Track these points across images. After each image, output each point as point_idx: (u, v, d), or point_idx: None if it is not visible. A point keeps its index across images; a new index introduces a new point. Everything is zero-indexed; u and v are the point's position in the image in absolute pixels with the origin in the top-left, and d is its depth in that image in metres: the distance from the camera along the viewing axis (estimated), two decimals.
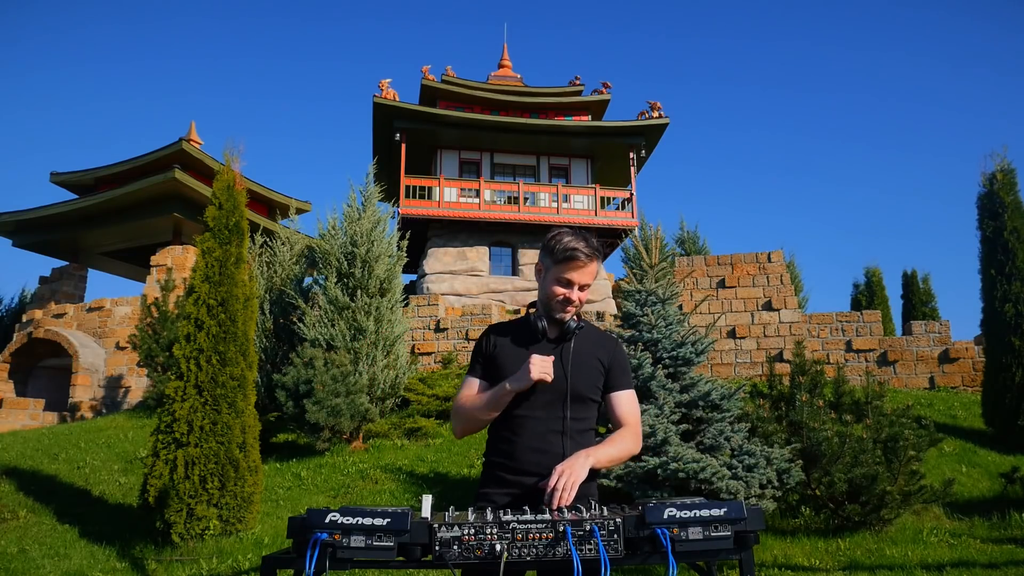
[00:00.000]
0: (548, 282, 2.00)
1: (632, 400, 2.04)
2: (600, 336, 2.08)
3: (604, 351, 2.03)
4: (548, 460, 1.87)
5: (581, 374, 1.97)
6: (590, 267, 1.97)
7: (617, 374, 2.03)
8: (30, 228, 17.96)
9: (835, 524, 5.85)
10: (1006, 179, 9.49)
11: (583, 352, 2.00)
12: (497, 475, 1.97)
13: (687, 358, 5.71)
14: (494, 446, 2.03)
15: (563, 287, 1.97)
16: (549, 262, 2.00)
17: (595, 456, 1.81)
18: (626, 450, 1.93)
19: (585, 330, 2.04)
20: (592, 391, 1.99)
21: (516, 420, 1.96)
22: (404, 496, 7.15)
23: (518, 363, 1.96)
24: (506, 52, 21.91)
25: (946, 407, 10.16)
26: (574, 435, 1.94)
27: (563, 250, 1.95)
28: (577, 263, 1.95)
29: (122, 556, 5.73)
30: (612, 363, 2.02)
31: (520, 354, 1.99)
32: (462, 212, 17.97)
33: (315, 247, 10.63)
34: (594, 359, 2.01)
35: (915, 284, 18.73)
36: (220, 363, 6.09)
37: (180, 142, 16.45)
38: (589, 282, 1.99)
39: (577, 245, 1.95)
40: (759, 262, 13.08)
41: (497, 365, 2.02)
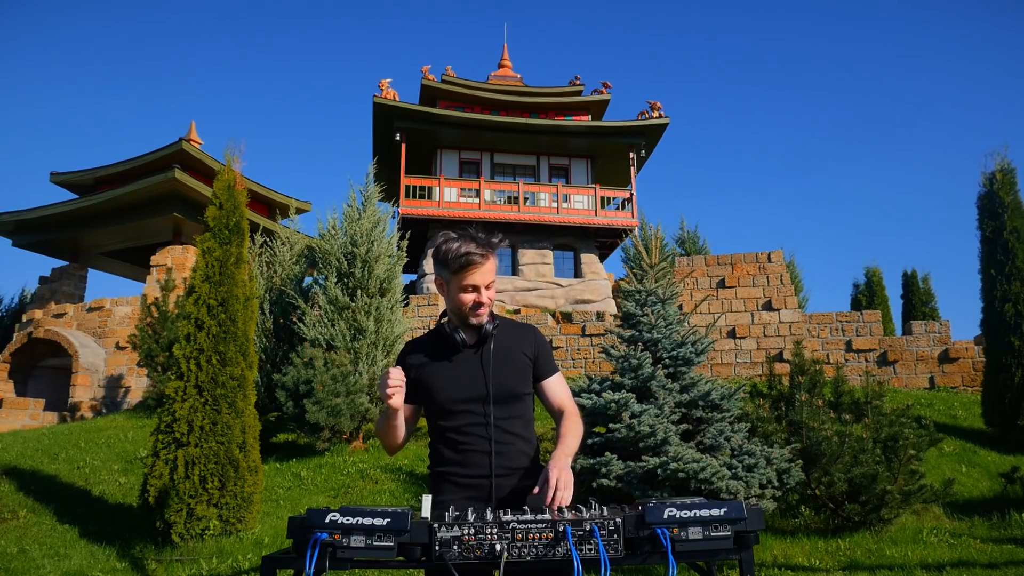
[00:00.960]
0: (453, 293, 1.96)
1: (561, 382, 2.07)
2: (518, 328, 2.08)
3: (527, 342, 2.04)
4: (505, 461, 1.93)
5: (508, 372, 1.98)
6: (488, 265, 1.93)
7: (542, 362, 2.04)
8: (30, 228, 17.95)
9: (835, 524, 5.85)
10: (1006, 179, 9.49)
11: (507, 349, 2.00)
12: (451, 481, 1.96)
13: (687, 358, 5.71)
14: (440, 457, 2.01)
15: (469, 293, 1.93)
16: (446, 274, 1.95)
17: (569, 453, 1.86)
18: (580, 432, 1.97)
19: (502, 326, 2.02)
20: (523, 385, 2.01)
21: (454, 430, 1.96)
22: (404, 496, 7.15)
23: (445, 375, 1.97)
24: (506, 52, 21.92)
25: (946, 407, 10.16)
26: (510, 432, 1.97)
27: (456, 258, 1.90)
28: (474, 267, 1.90)
29: (122, 556, 5.73)
30: (537, 351, 2.04)
31: (443, 367, 1.98)
32: (462, 212, 17.97)
33: (315, 247, 10.63)
34: (519, 353, 2.01)
35: (915, 284, 18.73)
36: (220, 363, 6.09)
37: (180, 142, 16.44)
38: (492, 279, 1.96)
39: (469, 248, 1.90)
40: (759, 262, 13.08)
41: (423, 383, 1.99)
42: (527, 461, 1.99)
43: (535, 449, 2.05)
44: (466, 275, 1.91)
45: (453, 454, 1.97)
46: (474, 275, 1.91)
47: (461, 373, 1.97)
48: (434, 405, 1.99)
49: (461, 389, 1.96)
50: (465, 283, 1.92)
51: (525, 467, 1.98)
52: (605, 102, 19.92)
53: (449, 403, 1.97)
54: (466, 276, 1.91)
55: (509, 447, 1.95)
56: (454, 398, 1.96)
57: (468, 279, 1.91)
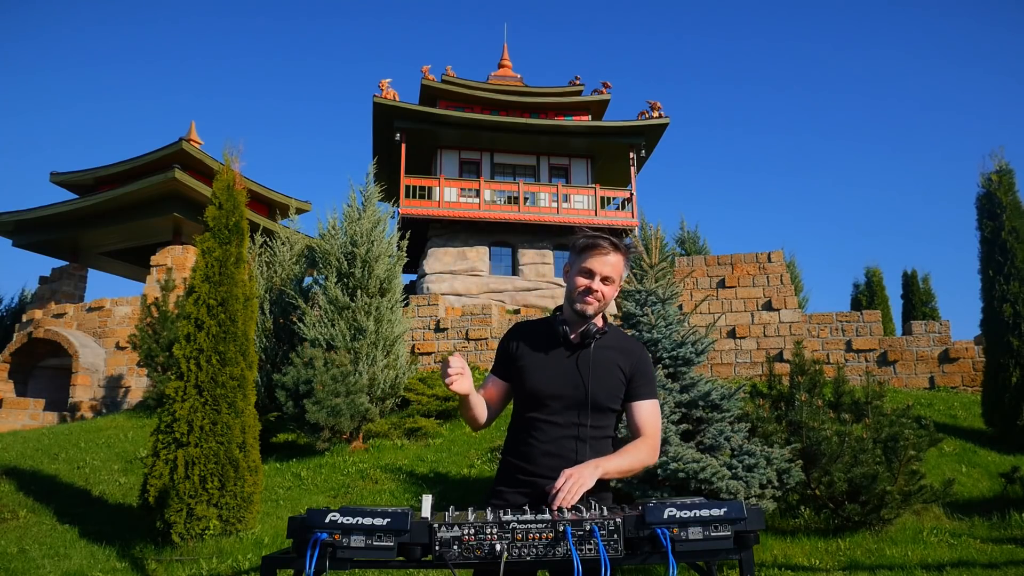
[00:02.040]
0: (572, 275, 1.99)
1: (653, 410, 1.98)
2: (625, 342, 2.03)
3: (626, 359, 1.98)
4: (562, 465, 1.83)
5: (600, 382, 1.93)
6: (612, 258, 1.94)
7: (639, 383, 1.97)
8: (30, 228, 17.95)
9: (835, 524, 5.85)
10: (1004, 180, 9.50)
11: (604, 359, 1.95)
12: (512, 475, 1.96)
13: (687, 358, 5.71)
14: (511, 446, 2.02)
15: (584, 277, 1.94)
16: (573, 257, 2.00)
17: (604, 467, 1.78)
18: (639, 461, 1.88)
19: (609, 335, 2.00)
20: (611, 400, 1.95)
21: (533, 423, 1.96)
22: (404, 496, 7.15)
23: (538, 366, 1.97)
24: (506, 52, 21.91)
25: (946, 407, 10.16)
26: (590, 442, 1.91)
27: (585, 240, 1.96)
28: (598, 251, 1.93)
29: (122, 556, 5.73)
30: (635, 371, 1.97)
31: (540, 358, 1.98)
32: (462, 212, 17.96)
33: (315, 247, 10.63)
34: (615, 367, 1.96)
35: (915, 284, 18.74)
36: (220, 363, 6.09)
37: (180, 142, 16.45)
38: (612, 275, 1.94)
39: (599, 235, 1.95)
40: (759, 262, 13.08)
41: (518, 367, 2.00)
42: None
43: None
44: (587, 257, 1.94)
45: (524, 446, 1.96)
46: (594, 260, 1.94)
47: (555, 368, 1.96)
48: (522, 391, 2.00)
49: (550, 384, 1.94)
50: (583, 266, 1.95)
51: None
52: (605, 102, 19.92)
53: (536, 394, 1.96)
54: (587, 259, 1.94)
55: (577, 456, 1.89)
56: (541, 391, 1.95)
57: (588, 263, 1.94)
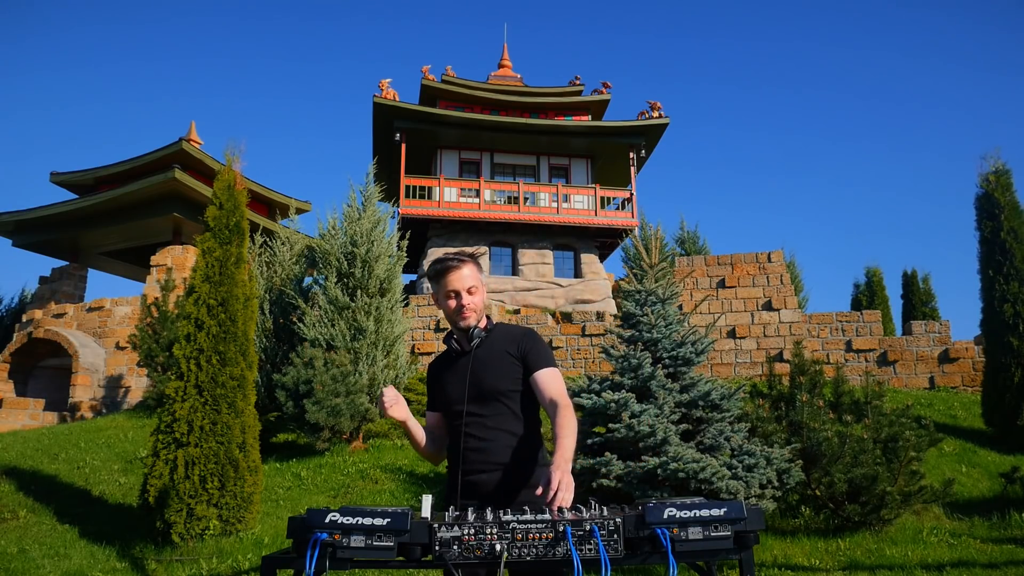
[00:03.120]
0: (441, 302, 2.15)
1: (553, 376, 2.10)
2: (509, 331, 2.19)
3: (513, 343, 2.14)
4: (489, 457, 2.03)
5: (489, 373, 2.09)
6: (464, 270, 2.11)
7: (531, 358, 2.11)
8: (30, 228, 17.95)
9: (835, 524, 5.85)
10: (1001, 180, 9.51)
11: (493, 352, 2.12)
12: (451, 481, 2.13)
13: (687, 358, 5.71)
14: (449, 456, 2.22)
15: (451, 299, 2.11)
16: (434, 286, 2.17)
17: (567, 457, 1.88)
18: (574, 428, 1.99)
19: (494, 332, 2.17)
20: (505, 382, 2.09)
21: (455, 431, 2.13)
22: (404, 496, 7.15)
23: (446, 385, 2.17)
24: (506, 52, 21.92)
25: (946, 407, 10.16)
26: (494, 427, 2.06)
27: (435, 268, 2.13)
28: (449, 273, 2.10)
29: (122, 556, 5.73)
30: (524, 350, 2.12)
31: (446, 376, 2.18)
32: (462, 212, 17.97)
33: (315, 247, 10.63)
34: (504, 353, 2.12)
35: (915, 284, 18.73)
36: (220, 363, 6.09)
37: (180, 142, 16.45)
38: (473, 283, 2.12)
39: (444, 258, 2.12)
40: (759, 262, 13.09)
41: (435, 393, 2.22)
42: (508, 456, 2.06)
43: (528, 443, 2.10)
44: (444, 282, 2.12)
45: (455, 450, 2.12)
46: (452, 281, 2.10)
47: (455, 378, 2.15)
48: (444, 410, 2.20)
49: (453, 391, 2.14)
50: (447, 289, 2.12)
51: (513, 461, 2.05)
52: (605, 102, 19.93)
53: (447, 405, 2.16)
54: (444, 283, 2.12)
55: (491, 443, 2.05)
56: (449, 400, 2.15)
57: (448, 285, 2.11)
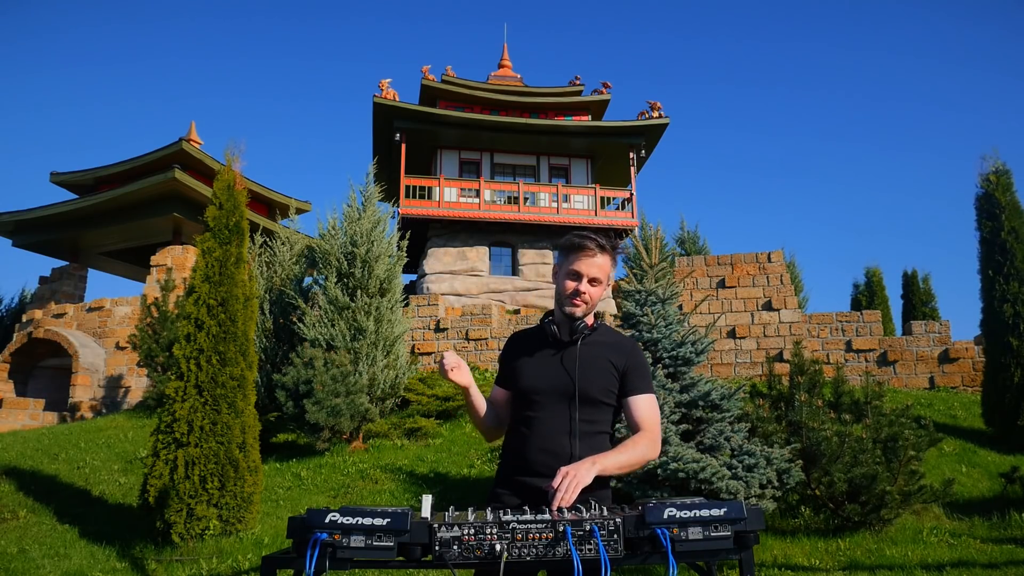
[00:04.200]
0: (560, 278, 2.01)
1: (650, 404, 1.97)
2: (616, 338, 2.04)
3: (618, 354, 1.99)
4: (556, 462, 1.83)
5: (589, 376, 1.94)
6: (599, 259, 1.95)
7: (633, 378, 1.97)
8: (30, 228, 17.95)
9: (835, 524, 5.85)
10: (1001, 180, 9.51)
11: (594, 354, 1.97)
12: (508, 475, 1.99)
13: (687, 358, 5.71)
14: (507, 446, 2.05)
15: (572, 280, 1.96)
16: (561, 258, 2.01)
17: (602, 463, 1.77)
18: (638, 455, 1.86)
19: (600, 332, 2.02)
20: (602, 394, 1.95)
21: (526, 421, 1.98)
22: (404, 496, 7.15)
23: (528, 366, 2.01)
24: (506, 52, 21.91)
25: (946, 407, 10.16)
26: (583, 437, 1.91)
27: (572, 242, 1.97)
28: (585, 253, 1.94)
29: (122, 556, 5.73)
30: (627, 366, 1.98)
31: (531, 360, 2.02)
32: (462, 212, 17.97)
33: (315, 247, 10.63)
34: (606, 361, 1.97)
35: (915, 284, 18.73)
36: (220, 363, 6.09)
37: (180, 142, 16.45)
38: (599, 276, 1.96)
39: (588, 235, 1.96)
40: (759, 262, 13.08)
41: (511, 369, 2.06)
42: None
43: None
44: (574, 260, 1.96)
45: (518, 444, 1.98)
46: (581, 262, 1.95)
47: (544, 365, 1.99)
48: (515, 392, 2.04)
49: (541, 380, 1.98)
50: (571, 268, 1.96)
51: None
52: (605, 102, 19.92)
53: (527, 392, 1.99)
54: (574, 260, 1.96)
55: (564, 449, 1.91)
56: (533, 387, 1.98)
57: (575, 265, 1.95)
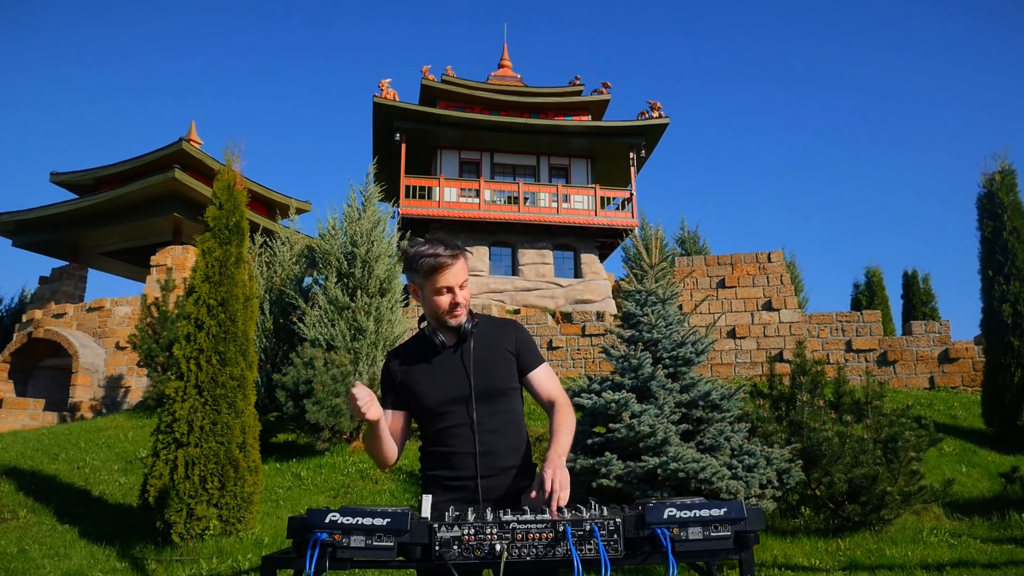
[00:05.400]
0: (428, 297, 1.97)
1: (548, 373, 2.04)
2: (497, 325, 2.08)
3: (508, 338, 2.04)
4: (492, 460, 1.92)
5: (491, 370, 1.97)
6: (458, 266, 1.95)
7: (525, 356, 2.03)
8: (30, 228, 17.95)
9: (835, 524, 5.85)
10: (1006, 180, 9.49)
11: (489, 346, 2.00)
12: (439, 484, 1.96)
13: (687, 358, 5.71)
14: (429, 461, 2.02)
15: (444, 296, 1.95)
16: (419, 279, 1.97)
17: (563, 452, 1.84)
18: (572, 426, 1.94)
19: (481, 324, 2.02)
20: (509, 381, 2.00)
21: (446, 432, 1.96)
22: (404, 496, 7.15)
23: (428, 380, 1.98)
24: (506, 52, 21.92)
25: (946, 407, 10.16)
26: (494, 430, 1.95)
27: (427, 262, 1.93)
28: (444, 268, 1.93)
29: (122, 556, 5.73)
30: (519, 346, 2.03)
31: (427, 370, 1.99)
32: (462, 212, 17.97)
33: (315, 247, 10.63)
34: (502, 348, 2.01)
35: (915, 284, 18.72)
36: (220, 363, 6.09)
37: (180, 142, 16.45)
38: (465, 278, 1.98)
39: (437, 251, 1.93)
40: (759, 262, 13.08)
41: (410, 388, 2.01)
42: (517, 459, 1.98)
43: (526, 445, 2.03)
44: (438, 278, 1.94)
45: (440, 457, 1.97)
46: (446, 277, 1.94)
47: (444, 374, 1.98)
48: (421, 409, 2.00)
49: (445, 390, 1.96)
50: (438, 286, 1.94)
51: (516, 465, 1.97)
52: (605, 102, 19.92)
53: (434, 405, 1.97)
54: (438, 279, 1.94)
55: (495, 446, 1.94)
56: (439, 400, 1.97)
57: (440, 281, 1.94)
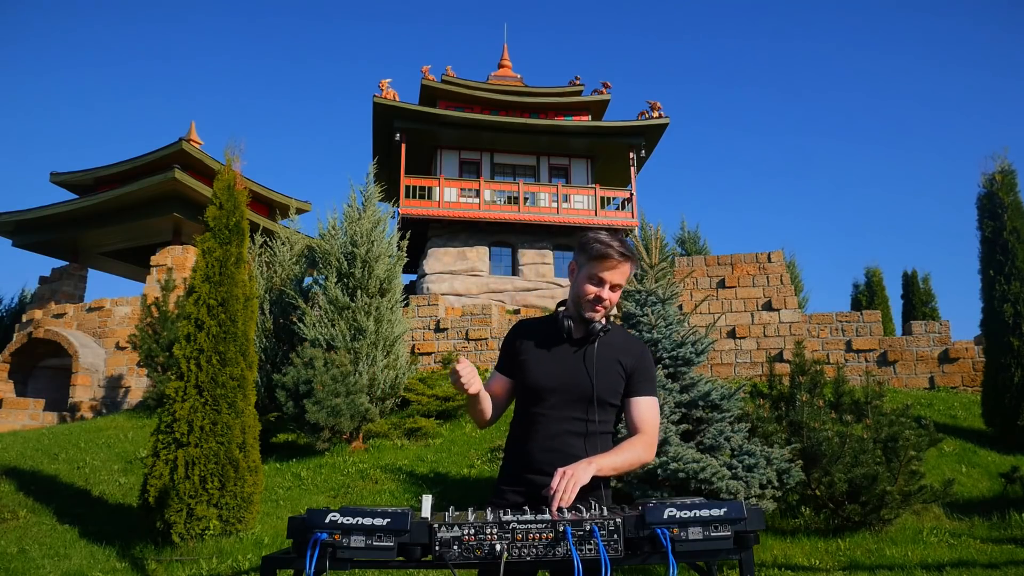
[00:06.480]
0: (580, 280, 1.98)
1: (651, 407, 1.98)
2: (627, 340, 2.05)
3: (628, 356, 1.99)
4: (562, 461, 1.82)
5: (602, 377, 1.94)
6: (623, 267, 1.95)
7: (638, 379, 1.98)
8: (30, 228, 17.95)
9: (835, 524, 5.85)
10: (1006, 180, 9.50)
11: (606, 355, 1.97)
12: (512, 472, 1.98)
13: (687, 358, 5.71)
14: (511, 443, 2.04)
15: (594, 285, 1.95)
16: (583, 259, 1.98)
17: (599, 463, 1.77)
18: (635, 458, 1.86)
19: (613, 332, 2.01)
20: (611, 395, 1.96)
21: (532, 418, 1.97)
22: (404, 496, 7.15)
23: (540, 361, 1.99)
24: (506, 52, 21.92)
25: (946, 407, 10.16)
26: (592, 438, 1.93)
27: (597, 248, 1.93)
28: (610, 261, 1.92)
29: (122, 556, 5.73)
30: (635, 368, 1.98)
31: (542, 354, 2.00)
32: (462, 212, 17.97)
33: (315, 247, 10.64)
34: (615, 362, 1.97)
35: (915, 284, 18.73)
36: (220, 363, 6.09)
37: (180, 142, 16.45)
38: (621, 282, 1.96)
39: (612, 243, 1.93)
40: (759, 262, 13.08)
41: (520, 362, 2.02)
42: None
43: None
44: (599, 266, 1.94)
45: (525, 441, 1.97)
46: (605, 269, 1.93)
47: (555, 363, 1.98)
48: (522, 387, 2.02)
49: (549, 378, 1.97)
50: (594, 274, 1.94)
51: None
52: (605, 102, 19.92)
53: (534, 388, 1.98)
54: (598, 267, 1.94)
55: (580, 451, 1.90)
56: (539, 384, 1.97)
57: (599, 271, 1.94)
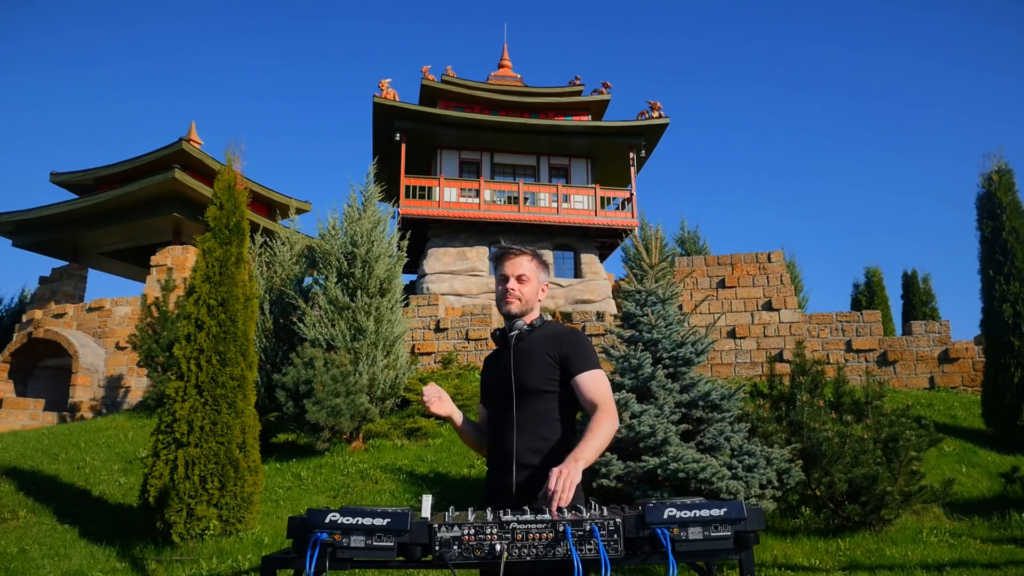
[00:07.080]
0: (495, 288, 2.21)
1: (596, 379, 2.06)
2: (555, 331, 2.16)
3: (555, 344, 2.10)
4: (504, 457, 2.04)
5: (528, 369, 2.07)
6: (519, 259, 2.16)
7: (573, 360, 2.07)
8: (30, 228, 17.95)
9: (835, 524, 5.85)
10: (1003, 180, 9.51)
11: (531, 348, 2.11)
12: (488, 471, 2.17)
13: (687, 358, 5.71)
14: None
15: (501, 283, 2.16)
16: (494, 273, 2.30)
17: (583, 455, 1.83)
18: (606, 432, 1.94)
19: (540, 328, 2.16)
20: (542, 383, 2.06)
21: (491, 422, 2.16)
22: (404, 496, 7.15)
23: (489, 375, 2.21)
24: (506, 52, 21.91)
25: (946, 407, 10.16)
26: (523, 429, 2.04)
27: (495, 251, 2.23)
28: (506, 257, 2.16)
29: (122, 556, 5.73)
30: (566, 352, 2.08)
31: (492, 369, 2.21)
32: (462, 212, 17.96)
33: (315, 247, 10.64)
34: (542, 352, 2.09)
35: (915, 284, 18.73)
36: (220, 363, 6.09)
37: (180, 142, 16.45)
38: (524, 272, 2.16)
39: (506, 246, 2.20)
40: (759, 262, 13.08)
41: (483, 385, 2.26)
42: (536, 459, 2.01)
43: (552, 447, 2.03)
44: (500, 265, 2.18)
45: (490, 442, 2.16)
46: (505, 266, 2.16)
47: (496, 369, 2.18)
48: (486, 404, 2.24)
49: (492, 383, 2.17)
50: (499, 272, 2.18)
51: (534, 465, 2.00)
52: (605, 102, 19.92)
53: (486, 398, 2.21)
54: (500, 266, 2.18)
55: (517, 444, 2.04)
56: (489, 391, 2.19)
57: (501, 268, 2.17)
